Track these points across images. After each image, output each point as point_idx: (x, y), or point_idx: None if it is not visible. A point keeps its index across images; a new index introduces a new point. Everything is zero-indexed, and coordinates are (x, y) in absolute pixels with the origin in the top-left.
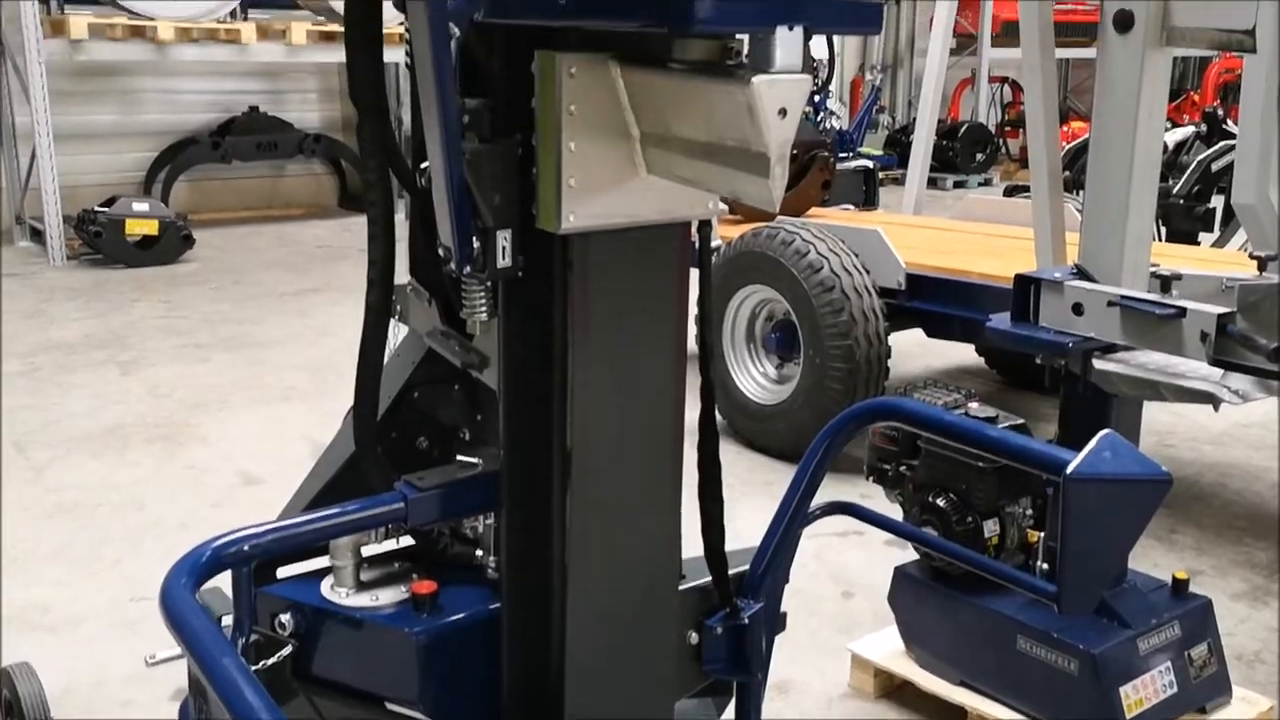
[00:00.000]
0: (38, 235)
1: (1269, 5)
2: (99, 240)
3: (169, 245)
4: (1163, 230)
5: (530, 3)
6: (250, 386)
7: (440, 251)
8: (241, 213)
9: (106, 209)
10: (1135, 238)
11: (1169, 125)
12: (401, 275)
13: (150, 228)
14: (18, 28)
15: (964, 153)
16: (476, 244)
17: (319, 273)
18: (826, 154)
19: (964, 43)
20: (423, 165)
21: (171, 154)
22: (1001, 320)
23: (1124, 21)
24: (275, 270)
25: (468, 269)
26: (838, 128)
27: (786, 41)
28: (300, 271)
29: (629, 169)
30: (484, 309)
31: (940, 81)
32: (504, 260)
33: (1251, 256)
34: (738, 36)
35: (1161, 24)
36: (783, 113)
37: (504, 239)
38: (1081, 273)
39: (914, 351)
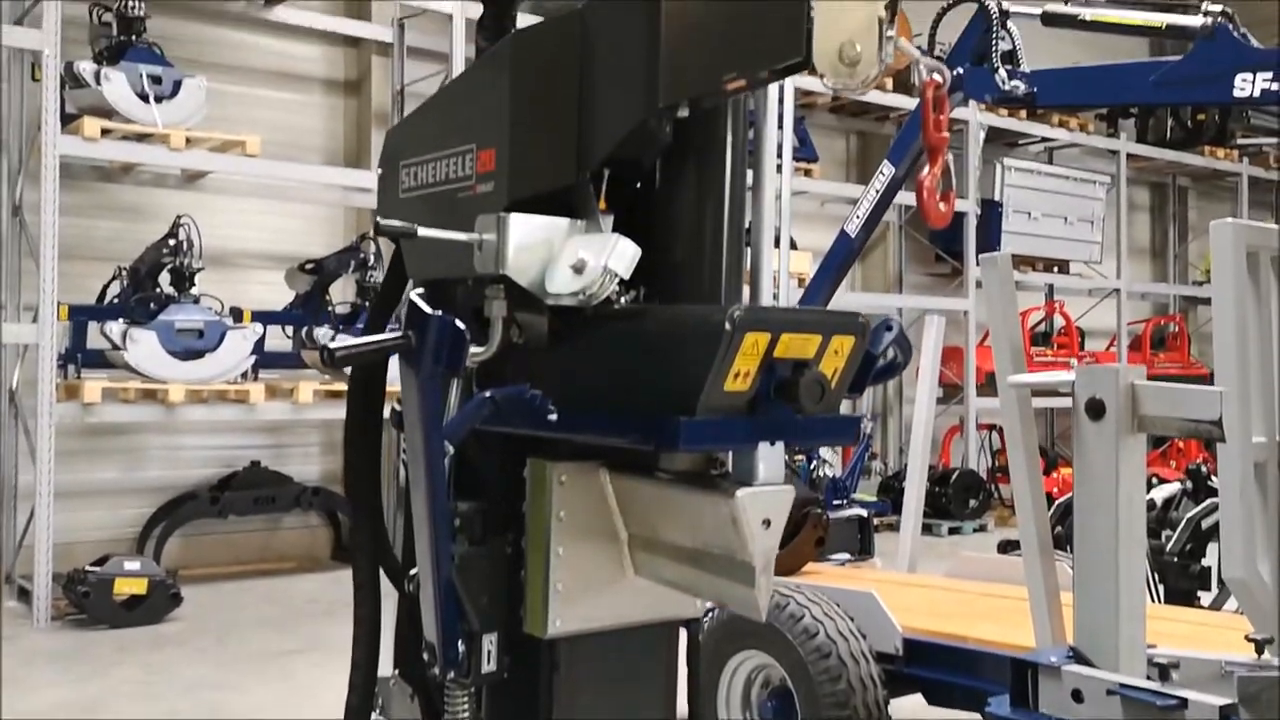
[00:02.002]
0: (25, 595)
1: (1233, 396)
2: (86, 601)
3: (156, 604)
4: (1160, 589)
5: (524, 417)
6: None
7: (425, 654)
8: (234, 567)
9: (97, 568)
10: (1128, 616)
11: (1155, 481)
12: (386, 664)
13: (139, 587)
14: (33, 390)
15: (957, 499)
16: (462, 647)
17: (306, 631)
18: (819, 510)
19: (950, 392)
20: (411, 571)
21: (169, 510)
22: (1001, 704)
23: (1096, 409)
24: (262, 629)
25: (452, 674)
26: (831, 475)
27: (768, 456)
28: (287, 630)
29: (617, 571)
30: (466, 713)
31: (929, 434)
32: (489, 665)
33: (1248, 639)
34: None
35: (1132, 411)
36: (766, 523)
37: (490, 643)
38: (1078, 655)
39: (917, 712)
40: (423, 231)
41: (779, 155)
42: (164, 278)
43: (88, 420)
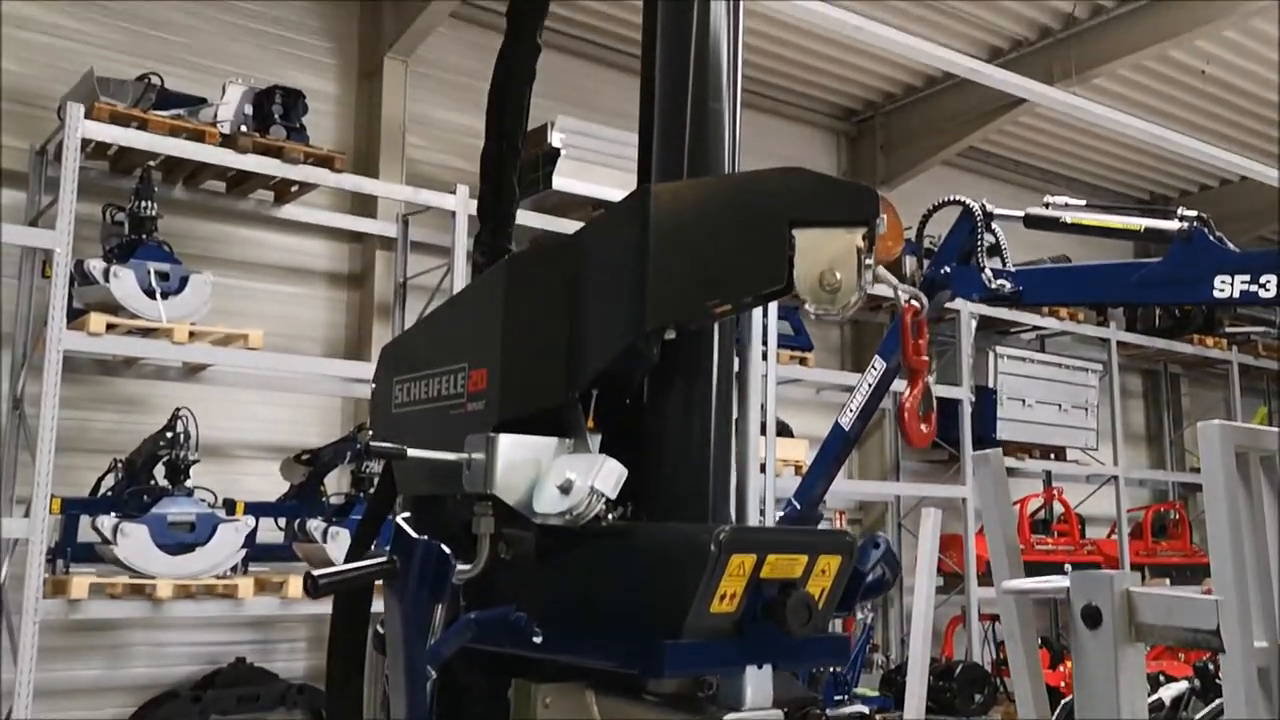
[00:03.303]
0: None
1: (1230, 605)
2: None
3: None
4: None
5: (508, 638)
6: None
7: None
8: None
9: None
10: None
11: (1163, 679)
12: None
13: None
14: (20, 585)
15: (962, 693)
16: None
17: None
18: (819, 711)
19: (951, 581)
20: None
21: (149, 709)
22: None
23: (1092, 616)
24: None
25: None
26: (831, 670)
27: (756, 679)
28: None
29: None
30: None
31: (929, 626)
32: None
33: None
34: None
35: (1129, 620)
36: None
37: None
38: None
39: None
40: (412, 452)
41: (765, 343)
42: (159, 470)
43: (73, 617)
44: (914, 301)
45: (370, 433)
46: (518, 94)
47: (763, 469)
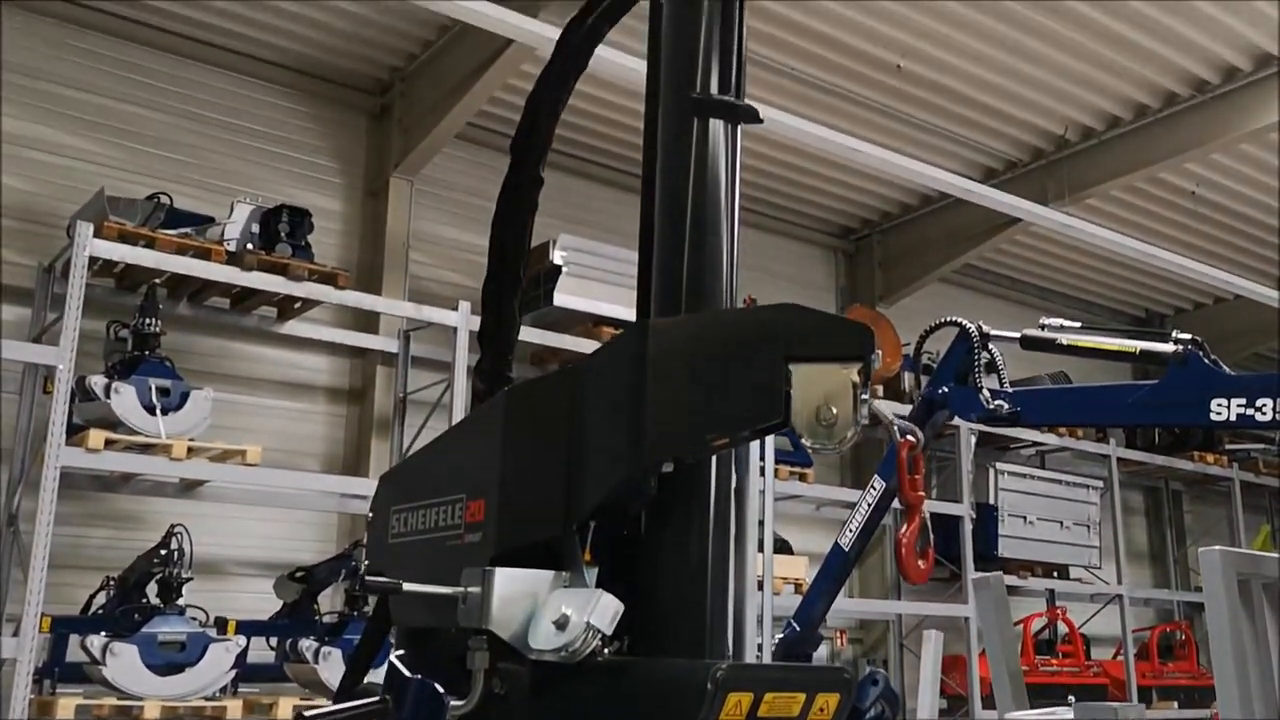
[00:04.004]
0: None
1: None
2: None
3: None
4: None
5: None
6: None
7: None
8: None
9: None
10: None
11: None
12: None
13: None
14: (5, 706)
15: None
16: None
17: None
18: None
19: (955, 703)
20: None
21: None
22: None
23: None
24: None
25: None
26: None
27: None
28: None
29: None
30: None
31: None
32: None
33: None
34: None
35: None
36: None
37: None
38: None
39: None
40: (407, 587)
41: (763, 459)
42: (152, 587)
43: None
44: (909, 437)
45: (367, 563)
46: (520, 225)
47: (761, 587)
